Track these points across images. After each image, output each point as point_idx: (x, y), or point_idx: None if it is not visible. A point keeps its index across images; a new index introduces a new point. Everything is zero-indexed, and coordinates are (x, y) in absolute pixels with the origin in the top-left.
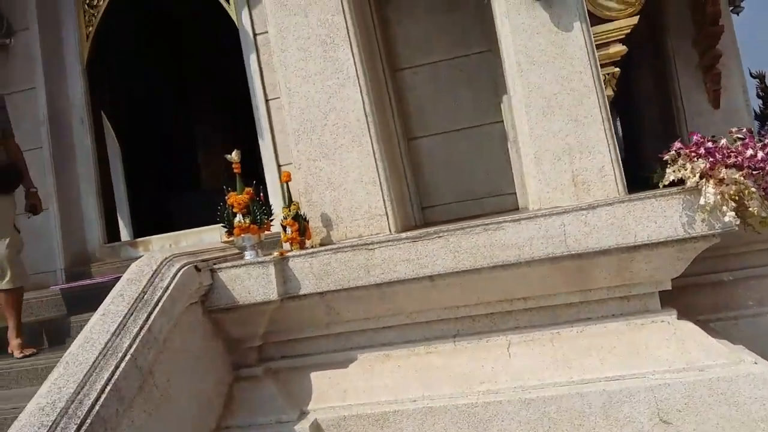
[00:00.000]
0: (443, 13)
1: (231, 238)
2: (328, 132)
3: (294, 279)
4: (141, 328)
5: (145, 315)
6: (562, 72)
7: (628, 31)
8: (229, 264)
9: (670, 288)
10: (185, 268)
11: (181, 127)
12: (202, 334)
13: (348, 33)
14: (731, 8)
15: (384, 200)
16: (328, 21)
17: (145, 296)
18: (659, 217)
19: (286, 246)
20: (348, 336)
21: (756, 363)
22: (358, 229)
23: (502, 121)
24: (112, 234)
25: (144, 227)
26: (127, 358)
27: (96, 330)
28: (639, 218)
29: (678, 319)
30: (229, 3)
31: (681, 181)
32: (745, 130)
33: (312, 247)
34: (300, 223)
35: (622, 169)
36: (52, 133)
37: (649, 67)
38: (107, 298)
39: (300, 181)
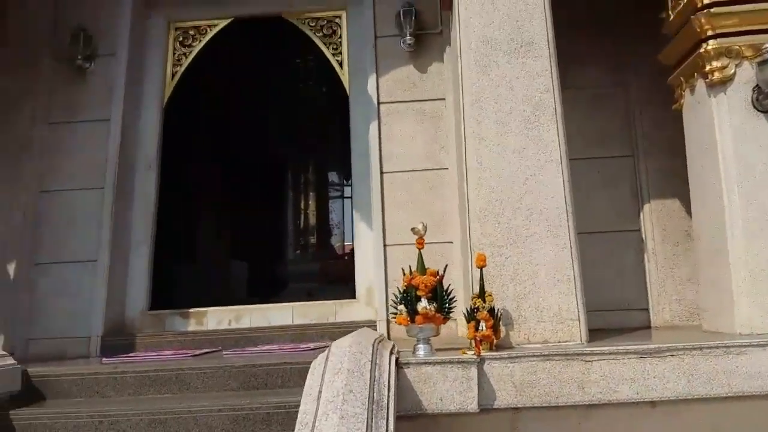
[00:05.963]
0: (584, 116)
1: (408, 324)
2: (520, 216)
3: (488, 387)
4: None
5: (384, 424)
6: None
7: None
8: (418, 359)
9: None
10: (393, 360)
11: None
12: None
13: (555, 113)
14: None
15: (577, 302)
16: (534, 98)
17: (374, 396)
18: None
19: (461, 344)
20: None
21: None
22: (543, 334)
23: (639, 230)
24: (156, 300)
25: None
26: None
27: None
28: None
29: None
30: (342, 67)
31: None
32: None
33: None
34: (495, 318)
35: None
36: (119, 174)
37: None
38: (326, 389)
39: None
